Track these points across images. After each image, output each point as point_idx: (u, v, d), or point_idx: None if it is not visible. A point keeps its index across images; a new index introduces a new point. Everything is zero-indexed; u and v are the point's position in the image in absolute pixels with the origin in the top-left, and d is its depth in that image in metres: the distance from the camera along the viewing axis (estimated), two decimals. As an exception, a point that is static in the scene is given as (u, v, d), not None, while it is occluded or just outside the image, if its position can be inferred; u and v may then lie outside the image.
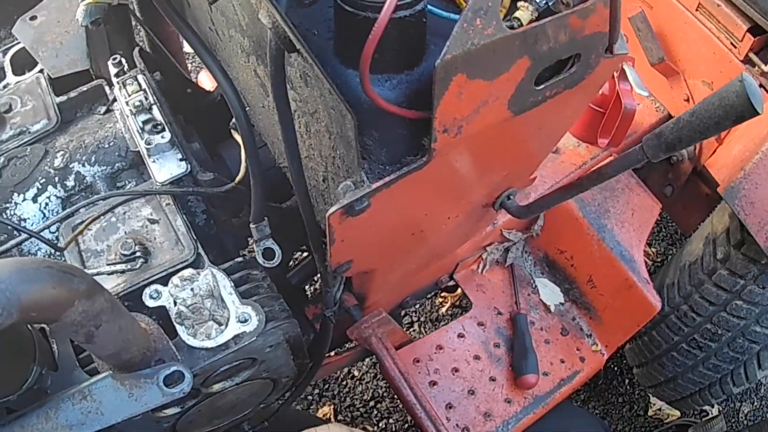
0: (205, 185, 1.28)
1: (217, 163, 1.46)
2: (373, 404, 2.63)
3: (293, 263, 1.79)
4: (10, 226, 1.13)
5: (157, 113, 1.34)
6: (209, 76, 2.19)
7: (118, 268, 1.19)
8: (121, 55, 1.51)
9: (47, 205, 1.40)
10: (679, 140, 1.10)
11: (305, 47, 0.88)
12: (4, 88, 1.67)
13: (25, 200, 1.40)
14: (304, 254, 1.80)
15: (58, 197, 1.40)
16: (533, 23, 0.95)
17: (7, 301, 0.85)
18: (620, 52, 1.12)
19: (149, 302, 1.20)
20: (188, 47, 2.17)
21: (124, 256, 1.25)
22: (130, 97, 1.34)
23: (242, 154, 1.23)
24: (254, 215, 1.23)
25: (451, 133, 1.03)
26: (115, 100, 1.46)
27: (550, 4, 0.99)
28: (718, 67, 1.99)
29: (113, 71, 1.41)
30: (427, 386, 1.79)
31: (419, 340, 1.85)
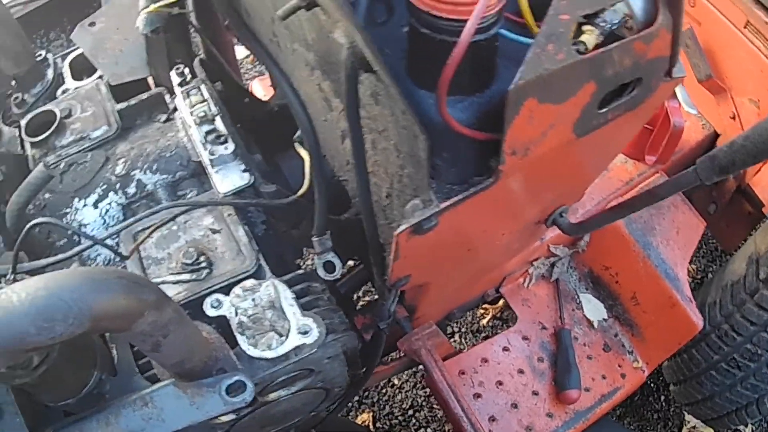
0: (267, 197, 1.30)
1: (275, 174, 1.48)
2: (411, 413, 2.63)
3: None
4: (76, 233, 1.15)
5: (219, 124, 1.36)
6: (263, 84, 2.22)
7: (182, 277, 1.21)
8: (180, 63, 1.53)
9: (108, 211, 1.42)
10: (732, 163, 1.10)
11: (384, 68, 0.89)
12: (63, 93, 1.71)
13: (85, 206, 1.43)
14: (352, 264, 1.81)
15: (118, 204, 1.42)
16: (599, 47, 0.95)
17: (78, 310, 0.87)
18: (678, 75, 1.13)
19: (210, 311, 1.22)
20: (238, 53, 2.19)
21: (185, 265, 1.27)
22: (193, 107, 1.36)
23: (306, 167, 1.24)
24: (317, 228, 1.24)
25: (518, 155, 1.03)
26: (176, 109, 1.48)
27: (614, 28, 1.00)
28: (765, 85, 1.97)
29: (176, 80, 1.43)
30: (471, 398, 1.79)
31: (464, 352, 1.86)
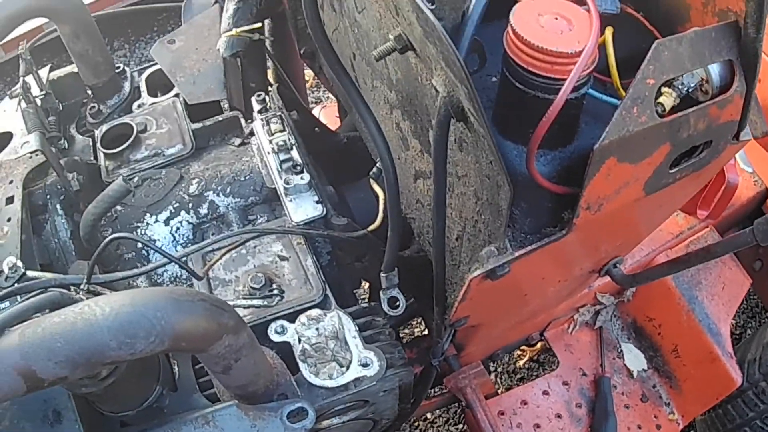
0: (338, 229, 1.33)
1: (339, 204, 1.51)
2: (443, 448, 2.61)
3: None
4: (157, 251, 1.18)
5: (296, 154, 1.40)
6: (325, 112, 2.26)
7: (255, 302, 1.24)
8: (254, 88, 1.58)
9: (179, 229, 1.46)
10: None
11: (485, 122, 0.92)
12: (138, 107, 1.75)
13: (156, 222, 1.47)
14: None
15: (189, 223, 1.46)
16: (677, 111, 0.98)
17: (161, 329, 0.90)
18: (745, 138, 1.15)
19: (274, 336, 1.25)
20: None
21: (253, 289, 1.30)
22: (273, 136, 1.40)
23: (380, 204, 1.28)
24: (387, 264, 1.27)
25: (592, 210, 1.06)
26: (252, 134, 1.52)
27: (690, 91, 1.03)
28: (821, 144, 1.97)
29: (257, 107, 1.47)
30: (510, 439, 1.80)
31: (505, 393, 1.87)
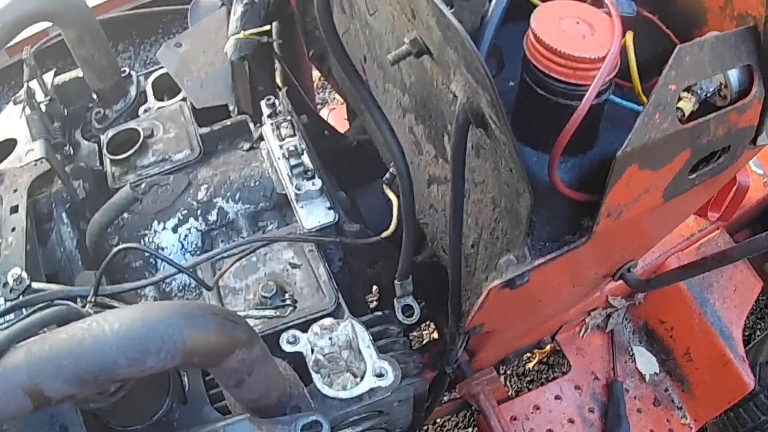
0: (350, 236, 1.31)
1: (350, 209, 1.48)
2: (454, 453, 2.58)
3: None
4: (166, 261, 1.16)
5: (307, 159, 1.37)
6: (333, 114, 2.24)
7: (267, 313, 1.22)
8: (263, 91, 1.55)
9: (187, 236, 1.44)
10: None
11: (508, 130, 0.90)
12: (145, 112, 1.72)
13: (165, 229, 1.45)
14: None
15: (198, 230, 1.43)
16: (695, 117, 0.96)
17: (173, 345, 0.87)
18: (762, 143, 1.13)
19: (286, 347, 1.22)
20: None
21: (264, 297, 1.27)
22: (284, 140, 1.37)
23: (394, 210, 1.25)
24: (401, 272, 1.25)
25: (612, 217, 1.04)
26: (261, 138, 1.49)
27: (709, 96, 1.01)
28: (835, 148, 1.95)
29: (266, 111, 1.44)
30: (523, 445, 1.79)
31: (518, 398, 1.85)
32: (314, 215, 1.32)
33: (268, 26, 1.57)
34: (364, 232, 1.31)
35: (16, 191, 1.39)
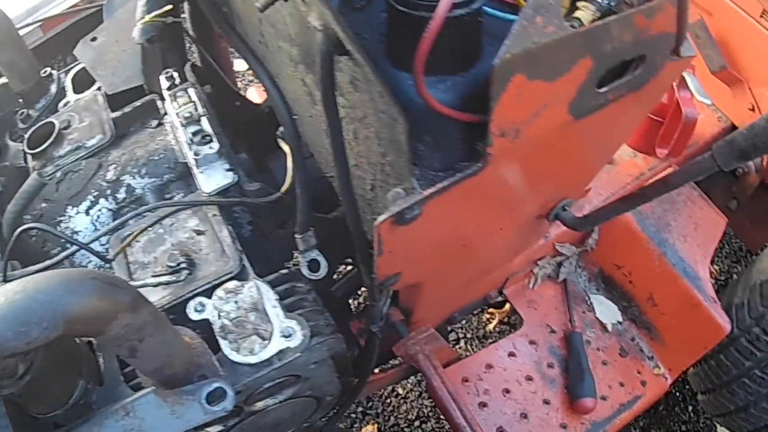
0: (251, 195, 1.26)
1: (265, 175, 1.44)
2: (418, 424, 2.54)
3: (337, 276, 1.75)
4: (61, 238, 1.12)
5: (206, 124, 1.33)
6: (258, 91, 2.20)
7: (163, 280, 1.18)
8: (174, 70, 1.52)
9: (99, 217, 1.41)
10: (754, 147, 1.03)
11: (357, 45, 0.85)
12: (64, 106, 1.72)
13: (78, 213, 1.42)
14: (348, 267, 1.76)
15: (109, 209, 1.41)
16: (596, 22, 0.90)
17: (53, 313, 0.85)
18: (687, 54, 1.06)
19: (193, 315, 1.18)
20: (238, 66, 2.18)
21: (170, 268, 1.23)
22: (180, 108, 1.34)
23: (288, 162, 1.20)
24: (300, 225, 1.19)
25: (508, 137, 0.98)
26: (166, 113, 1.46)
27: (612, 5, 0.94)
28: (785, 74, 1.88)
29: (165, 85, 1.42)
30: (476, 408, 1.71)
31: (468, 358, 1.78)
32: (213, 178, 1.27)
33: (170, 6, 1.54)
34: (264, 190, 1.26)
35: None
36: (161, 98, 1.56)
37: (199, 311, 1.18)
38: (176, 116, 1.34)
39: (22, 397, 1.06)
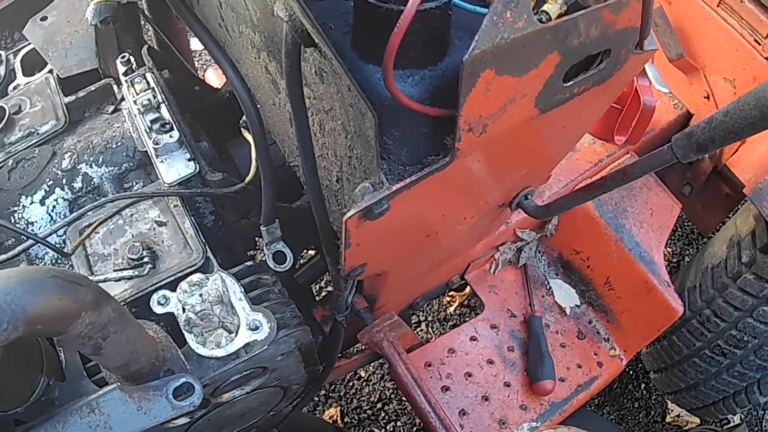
0: (214, 185, 1.24)
1: (225, 162, 1.42)
2: (380, 406, 2.58)
3: (299, 262, 1.74)
4: (16, 231, 1.08)
5: (165, 112, 1.29)
6: (217, 73, 2.15)
7: (125, 274, 1.15)
8: (129, 53, 1.46)
9: (54, 207, 1.36)
10: (711, 141, 1.05)
11: (325, 40, 0.83)
12: (14, 89, 1.64)
13: (32, 203, 1.36)
14: (310, 253, 1.75)
15: (65, 200, 1.36)
16: (564, 17, 0.90)
17: (12, 314, 0.81)
18: (650, 48, 1.08)
19: (157, 309, 1.16)
20: (196, 45, 2.12)
21: (131, 260, 1.20)
22: (138, 95, 1.29)
23: (252, 152, 1.18)
24: (265, 217, 1.18)
25: (476, 132, 0.98)
26: (123, 99, 1.41)
27: None
28: (740, 64, 1.93)
29: (121, 69, 1.36)
30: (439, 392, 1.74)
31: (430, 343, 1.80)
32: (174, 168, 1.24)
33: (124, -14, 1.48)
34: (227, 180, 1.24)
35: None
36: (117, 82, 1.51)
37: (162, 305, 1.16)
38: (134, 103, 1.30)
39: (-18, 395, 1.04)
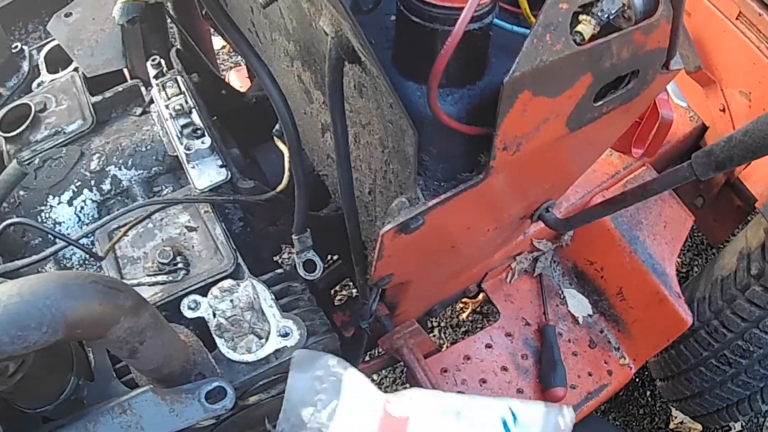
0: (245, 193, 1.25)
1: (252, 167, 1.43)
2: (393, 410, 2.57)
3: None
4: (50, 234, 1.09)
5: (196, 117, 1.30)
6: (239, 76, 2.15)
7: (159, 279, 1.16)
8: (156, 54, 1.47)
9: (83, 208, 1.37)
10: (730, 159, 1.07)
11: (374, 60, 0.84)
12: (38, 86, 1.65)
13: (60, 203, 1.38)
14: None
15: (93, 201, 1.37)
16: (596, 39, 0.92)
17: (52, 318, 0.82)
18: (675, 67, 1.09)
19: (187, 313, 1.17)
20: (214, 43, 2.11)
21: (162, 264, 1.21)
22: (169, 100, 1.30)
23: (285, 162, 1.20)
24: (297, 226, 1.19)
25: (510, 150, 1.00)
26: (151, 101, 1.42)
27: (611, 18, 0.96)
28: (756, 77, 1.94)
29: (152, 72, 1.37)
30: (455, 397, 1.75)
31: (447, 350, 1.82)
32: (206, 175, 1.25)
33: (152, -14, 1.48)
34: (259, 188, 1.25)
35: None
36: (144, 84, 1.52)
37: (193, 309, 1.17)
38: (165, 108, 1.31)
39: (11, 393, 1.05)
